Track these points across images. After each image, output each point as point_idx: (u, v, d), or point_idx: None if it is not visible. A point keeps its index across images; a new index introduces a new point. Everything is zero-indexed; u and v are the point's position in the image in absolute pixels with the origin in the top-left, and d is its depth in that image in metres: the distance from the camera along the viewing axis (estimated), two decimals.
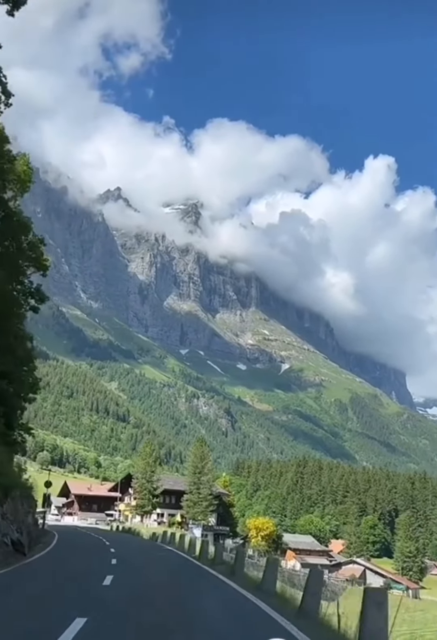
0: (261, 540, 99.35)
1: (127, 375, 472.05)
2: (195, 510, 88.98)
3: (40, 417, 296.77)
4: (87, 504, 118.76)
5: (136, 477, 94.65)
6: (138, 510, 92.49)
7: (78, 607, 10.75)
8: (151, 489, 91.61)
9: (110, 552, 27.30)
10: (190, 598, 13.92)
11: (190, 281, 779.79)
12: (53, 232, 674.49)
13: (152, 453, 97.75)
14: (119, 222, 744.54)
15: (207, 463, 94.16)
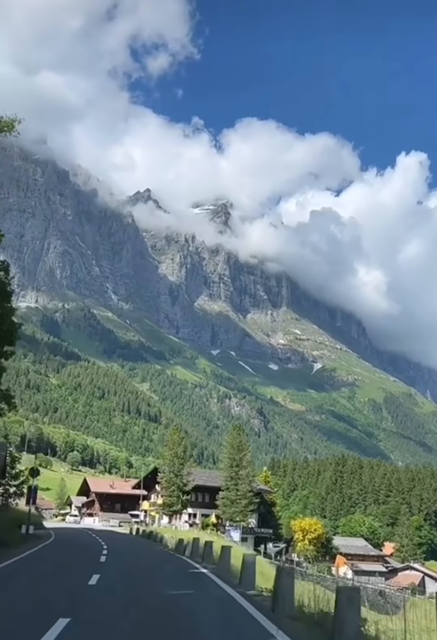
0: (308, 544, 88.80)
1: (158, 376, 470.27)
2: (233, 509, 77.77)
3: (72, 418, 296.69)
4: (109, 503, 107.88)
5: (163, 470, 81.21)
6: (166, 509, 79.40)
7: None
8: (180, 485, 78.55)
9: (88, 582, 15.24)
10: None
11: (221, 281, 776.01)
12: (83, 234, 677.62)
13: (180, 442, 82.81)
14: (148, 223, 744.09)
15: (246, 454, 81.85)
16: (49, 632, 8.59)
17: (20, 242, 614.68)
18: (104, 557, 23.73)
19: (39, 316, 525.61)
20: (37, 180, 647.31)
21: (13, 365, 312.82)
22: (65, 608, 10.84)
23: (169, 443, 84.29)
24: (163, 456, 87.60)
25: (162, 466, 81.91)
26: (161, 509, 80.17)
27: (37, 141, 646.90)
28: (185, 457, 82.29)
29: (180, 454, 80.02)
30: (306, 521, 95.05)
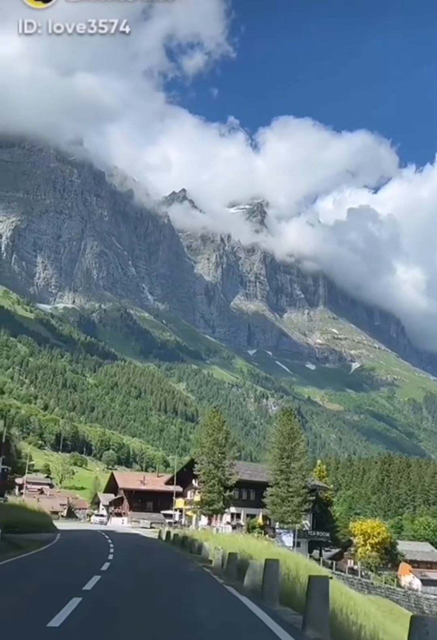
0: (370, 549, 77.53)
1: (195, 376, 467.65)
2: (284, 509, 65.81)
3: (109, 417, 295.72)
4: (139, 501, 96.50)
5: (200, 461, 68.27)
6: (204, 508, 67.34)
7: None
8: (222, 478, 66.21)
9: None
10: None
11: (257, 281, 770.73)
12: (120, 235, 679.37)
13: (221, 426, 69.24)
14: (184, 223, 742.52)
15: (299, 444, 69.27)
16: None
17: (57, 243, 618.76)
18: (92, 584, 13.45)
19: (76, 317, 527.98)
20: (73, 181, 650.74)
21: (50, 365, 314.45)
22: None
23: (208, 427, 71.04)
24: (200, 444, 72.98)
25: (200, 456, 69.28)
26: (199, 508, 68.63)
27: (73, 142, 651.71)
28: (227, 445, 68.88)
29: (222, 441, 67.88)
30: (367, 523, 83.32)
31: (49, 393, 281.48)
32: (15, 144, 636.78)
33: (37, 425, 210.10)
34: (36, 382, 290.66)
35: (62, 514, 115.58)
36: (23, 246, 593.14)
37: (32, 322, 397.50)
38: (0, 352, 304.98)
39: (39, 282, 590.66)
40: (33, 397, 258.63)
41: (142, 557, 27.05)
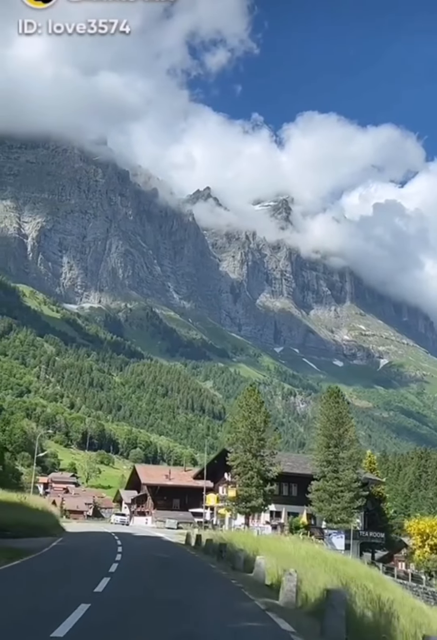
0: (429, 551, 65.69)
1: (221, 374, 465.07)
2: (333, 506, 56.98)
3: (136, 416, 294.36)
4: (164, 498, 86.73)
5: (235, 449, 58.29)
6: (240, 505, 56.88)
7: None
8: (261, 470, 56.48)
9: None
10: None
11: (283, 278, 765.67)
12: (145, 234, 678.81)
13: (259, 407, 58.37)
14: (209, 221, 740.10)
15: (348, 430, 60.31)
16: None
17: (83, 243, 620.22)
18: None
19: (102, 316, 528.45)
20: (98, 181, 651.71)
21: (76, 364, 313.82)
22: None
23: (243, 409, 59.41)
24: (235, 428, 60.34)
25: (234, 443, 58.78)
26: (234, 505, 58.19)
27: (97, 142, 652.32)
28: (266, 429, 58.21)
29: (260, 424, 57.29)
30: (425, 522, 70.21)
31: (76, 392, 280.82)
32: (39, 145, 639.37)
33: (63, 423, 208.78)
34: (63, 382, 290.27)
35: (87, 513, 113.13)
36: (49, 247, 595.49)
37: (59, 322, 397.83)
38: (27, 352, 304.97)
39: (65, 282, 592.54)
40: (59, 395, 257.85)
41: (161, 585, 16.62)
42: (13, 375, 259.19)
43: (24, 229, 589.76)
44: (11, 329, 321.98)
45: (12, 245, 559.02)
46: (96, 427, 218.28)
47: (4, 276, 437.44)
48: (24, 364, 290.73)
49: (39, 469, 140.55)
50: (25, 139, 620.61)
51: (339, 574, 14.26)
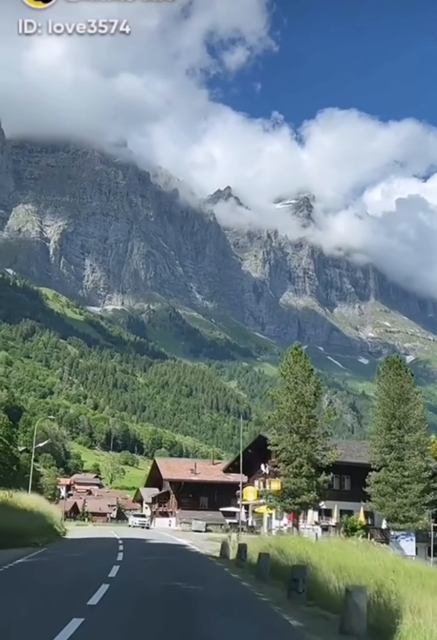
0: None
1: (246, 374, 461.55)
2: (398, 501, 46.56)
3: (160, 417, 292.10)
4: (190, 496, 76.26)
5: (278, 429, 46.21)
6: (286, 502, 44.77)
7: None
8: (312, 455, 44.79)
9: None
10: None
11: (306, 276, 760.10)
12: (166, 235, 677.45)
13: (308, 375, 45.99)
14: (230, 221, 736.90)
15: (415, 407, 49.06)
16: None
17: (105, 245, 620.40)
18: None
19: (125, 318, 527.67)
20: (118, 183, 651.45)
21: (100, 366, 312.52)
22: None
23: (288, 377, 46.40)
24: (277, 403, 47.05)
25: (277, 421, 46.34)
26: (279, 501, 45.89)
27: (117, 144, 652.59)
28: (318, 404, 46.78)
29: (309, 398, 45.08)
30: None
31: (100, 393, 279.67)
32: (60, 148, 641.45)
33: (86, 424, 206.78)
34: (86, 383, 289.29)
35: (111, 515, 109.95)
36: (71, 250, 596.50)
37: (82, 324, 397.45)
38: (50, 354, 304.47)
39: (87, 284, 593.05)
40: (82, 396, 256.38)
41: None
42: (36, 377, 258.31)
43: (46, 232, 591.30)
44: (34, 332, 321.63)
45: (34, 249, 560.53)
46: (120, 427, 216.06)
47: (27, 280, 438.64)
48: (47, 366, 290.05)
49: (61, 470, 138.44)
50: (45, 142, 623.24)
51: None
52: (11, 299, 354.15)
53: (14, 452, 61.60)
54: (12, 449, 59.98)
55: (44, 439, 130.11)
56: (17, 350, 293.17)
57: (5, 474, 54.34)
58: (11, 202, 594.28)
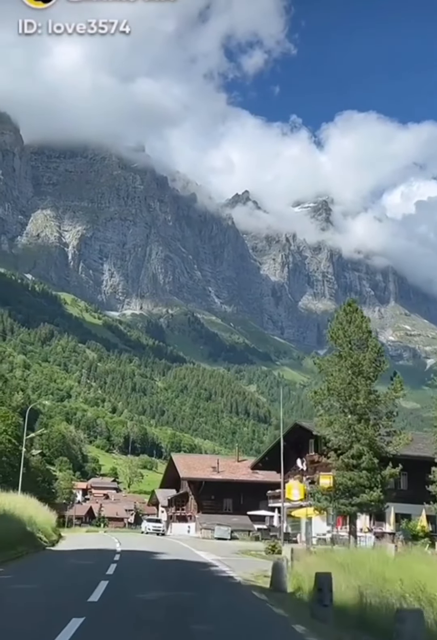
0: None
1: (265, 378, 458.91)
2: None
3: (179, 421, 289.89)
4: (212, 498, 67.18)
5: (326, 409, 37.07)
6: (340, 502, 35.18)
7: None
8: (373, 441, 35.13)
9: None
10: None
11: (325, 279, 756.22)
12: (184, 239, 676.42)
13: (366, 338, 37.05)
14: (248, 224, 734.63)
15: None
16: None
17: (123, 250, 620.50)
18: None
19: (144, 322, 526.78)
20: (136, 188, 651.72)
21: (118, 369, 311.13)
22: None
23: (340, 342, 36.62)
24: (327, 375, 37.00)
25: (325, 399, 36.50)
26: (331, 501, 35.70)
27: (135, 149, 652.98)
28: (379, 375, 36.23)
29: (368, 368, 35.48)
30: None
31: (118, 397, 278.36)
32: (78, 153, 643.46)
33: (104, 428, 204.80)
34: (105, 387, 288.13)
35: (128, 520, 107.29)
36: (89, 254, 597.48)
37: (100, 329, 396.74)
38: (69, 358, 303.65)
39: (106, 289, 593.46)
40: (100, 400, 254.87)
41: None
42: (54, 381, 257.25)
43: (64, 237, 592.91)
44: (53, 336, 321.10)
45: (53, 254, 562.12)
46: (138, 430, 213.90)
47: (45, 285, 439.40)
48: (66, 370, 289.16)
49: (78, 474, 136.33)
50: (63, 148, 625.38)
51: None
52: (30, 303, 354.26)
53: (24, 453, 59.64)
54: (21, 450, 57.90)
55: (60, 442, 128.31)
56: (35, 354, 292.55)
57: (14, 476, 51.96)
58: (30, 207, 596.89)
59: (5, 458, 52.05)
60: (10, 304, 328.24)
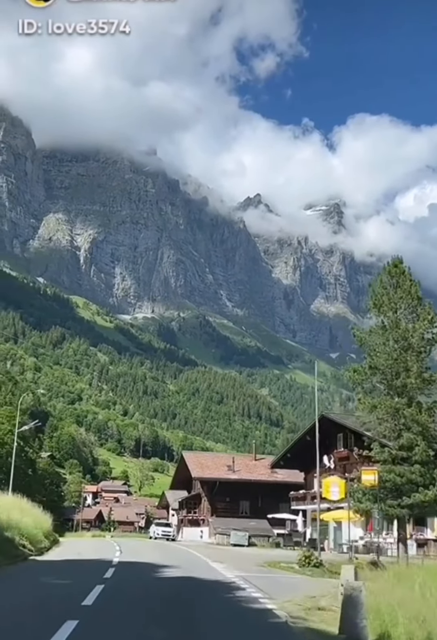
0: None
1: (277, 381, 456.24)
2: None
3: (191, 424, 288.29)
4: (227, 500, 61.58)
5: (366, 390, 30.64)
6: (387, 503, 28.32)
7: None
8: (427, 428, 28.76)
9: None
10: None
11: (337, 282, 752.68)
12: (195, 242, 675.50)
13: (416, 305, 30.58)
14: (260, 228, 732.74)
15: None
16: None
17: (135, 253, 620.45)
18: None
19: (155, 326, 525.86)
20: (148, 191, 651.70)
21: (130, 372, 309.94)
22: None
23: (384, 309, 30.78)
24: (370, 351, 30.54)
25: (366, 379, 30.31)
26: (374, 502, 28.96)
27: (147, 153, 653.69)
28: (431, 349, 30.13)
29: (419, 340, 29.51)
30: None
31: (130, 400, 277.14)
32: (90, 157, 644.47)
33: (115, 430, 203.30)
34: (116, 390, 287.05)
35: (139, 524, 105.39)
36: (101, 258, 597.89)
37: (112, 332, 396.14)
38: (80, 361, 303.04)
39: (118, 293, 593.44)
40: (112, 403, 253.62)
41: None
42: (65, 383, 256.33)
43: (76, 241, 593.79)
44: (64, 339, 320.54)
45: (65, 257, 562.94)
46: (150, 433, 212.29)
47: (57, 288, 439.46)
48: (77, 373, 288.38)
49: (88, 477, 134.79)
50: (75, 152, 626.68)
51: None
52: (42, 307, 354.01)
53: (30, 454, 57.74)
54: (28, 452, 55.59)
55: (70, 445, 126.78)
56: (47, 357, 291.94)
57: (21, 479, 50.27)
58: (42, 211, 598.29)
59: (9, 459, 50.46)
60: (22, 307, 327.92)
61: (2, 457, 49.74)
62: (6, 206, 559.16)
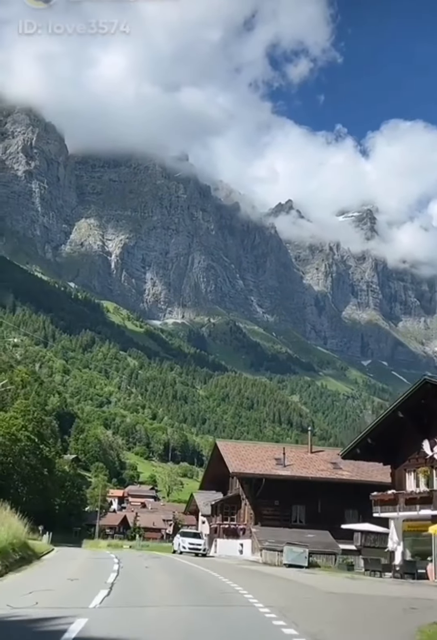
0: None
1: (308, 388, 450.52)
2: None
3: (221, 429, 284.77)
4: (276, 504, 47.63)
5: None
6: None
7: None
8: None
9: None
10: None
11: (369, 289, 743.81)
12: (227, 248, 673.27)
13: None
14: (291, 234, 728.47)
15: None
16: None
17: (165, 259, 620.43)
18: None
19: (185, 331, 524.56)
20: (179, 197, 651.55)
21: (159, 377, 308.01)
22: None
23: None
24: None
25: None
26: None
27: (179, 158, 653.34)
28: None
29: None
30: None
31: (159, 405, 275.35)
32: (122, 163, 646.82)
33: (143, 434, 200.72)
34: (146, 395, 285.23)
35: (166, 531, 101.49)
36: (132, 263, 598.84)
37: (142, 337, 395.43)
38: (110, 365, 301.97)
39: (148, 298, 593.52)
40: (141, 406, 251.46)
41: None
42: (93, 386, 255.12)
43: (107, 246, 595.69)
44: (94, 343, 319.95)
45: (96, 262, 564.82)
46: (179, 437, 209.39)
47: (88, 293, 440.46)
48: (106, 377, 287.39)
49: (115, 481, 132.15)
50: (107, 157, 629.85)
51: None
52: (72, 311, 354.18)
53: (45, 452, 54.66)
54: (43, 449, 52.03)
55: (97, 447, 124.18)
56: (76, 360, 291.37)
57: (35, 479, 47.05)
58: (74, 216, 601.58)
59: (24, 457, 47.08)
60: (53, 311, 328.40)
61: (14, 453, 46.82)
62: (39, 211, 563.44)
